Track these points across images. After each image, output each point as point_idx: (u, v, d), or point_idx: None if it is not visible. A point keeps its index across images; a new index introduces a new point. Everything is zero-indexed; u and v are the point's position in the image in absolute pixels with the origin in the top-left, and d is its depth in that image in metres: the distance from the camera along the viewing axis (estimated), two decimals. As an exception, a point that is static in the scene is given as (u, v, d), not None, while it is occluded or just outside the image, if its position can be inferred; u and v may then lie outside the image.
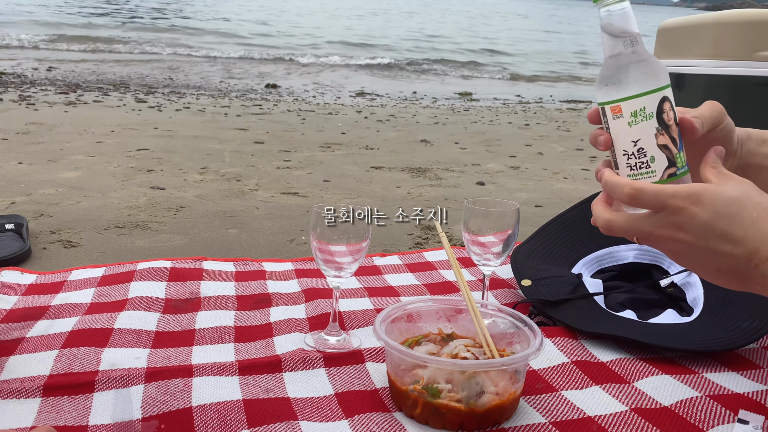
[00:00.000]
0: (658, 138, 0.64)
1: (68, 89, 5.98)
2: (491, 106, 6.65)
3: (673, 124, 0.65)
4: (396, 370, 0.81)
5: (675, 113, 0.66)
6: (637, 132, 0.64)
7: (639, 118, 0.64)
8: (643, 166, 0.65)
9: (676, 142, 0.65)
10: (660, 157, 0.64)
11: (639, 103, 0.64)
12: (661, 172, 0.65)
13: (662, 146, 0.64)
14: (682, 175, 0.66)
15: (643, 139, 0.64)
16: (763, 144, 0.75)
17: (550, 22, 28.83)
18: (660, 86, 0.64)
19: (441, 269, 1.38)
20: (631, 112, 0.64)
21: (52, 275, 1.27)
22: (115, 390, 0.83)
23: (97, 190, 2.35)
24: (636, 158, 0.65)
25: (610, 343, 1.02)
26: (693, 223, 0.61)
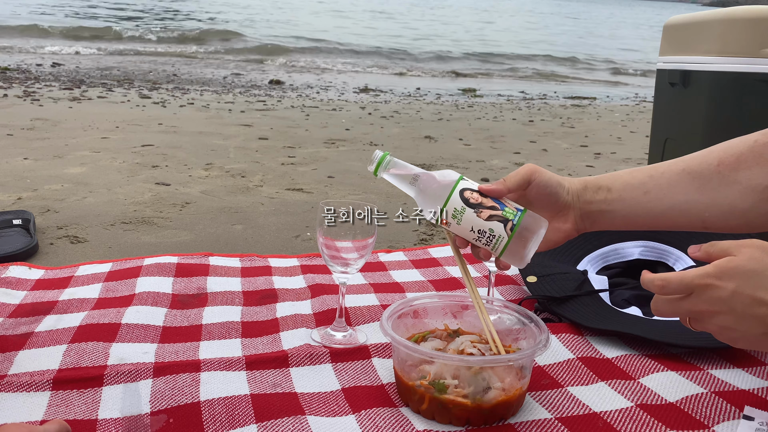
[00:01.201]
0: (481, 215, 0.79)
1: (72, 85, 5.99)
2: (495, 103, 6.64)
3: (482, 199, 0.80)
4: (403, 366, 0.81)
5: (478, 191, 0.81)
6: (466, 223, 0.79)
7: (458, 215, 0.80)
8: (491, 239, 0.79)
9: (495, 207, 0.79)
10: (494, 225, 0.79)
11: (449, 208, 0.80)
12: (504, 232, 0.78)
13: (488, 218, 0.78)
14: (520, 218, 0.79)
15: (473, 224, 0.79)
16: (598, 191, 0.82)
17: (556, 17, 28.77)
18: (453, 187, 0.80)
19: (446, 265, 1.38)
20: (451, 215, 0.80)
21: (60, 270, 1.28)
22: (124, 384, 0.84)
23: (103, 186, 2.36)
24: (483, 237, 0.79)
25: (616, 339, 1.03)
26: (723, 295, 0.65)
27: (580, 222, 0.84)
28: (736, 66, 1.23)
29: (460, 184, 0.81)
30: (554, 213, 0.84)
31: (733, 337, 0.68)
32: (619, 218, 0.83)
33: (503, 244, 0.79)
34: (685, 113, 1.40)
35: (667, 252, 1.25)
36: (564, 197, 0.83)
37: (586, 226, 0.85)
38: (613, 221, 0.83)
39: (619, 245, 1.29)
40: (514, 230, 0.78)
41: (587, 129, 4.89)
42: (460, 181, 0.81)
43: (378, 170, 0.84)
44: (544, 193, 0.82)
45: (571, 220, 0.84)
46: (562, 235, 0.85)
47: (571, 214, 0.84)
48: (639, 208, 0.82)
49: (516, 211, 0.79)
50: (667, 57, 1.48)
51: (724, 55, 1.25)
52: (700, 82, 1.33)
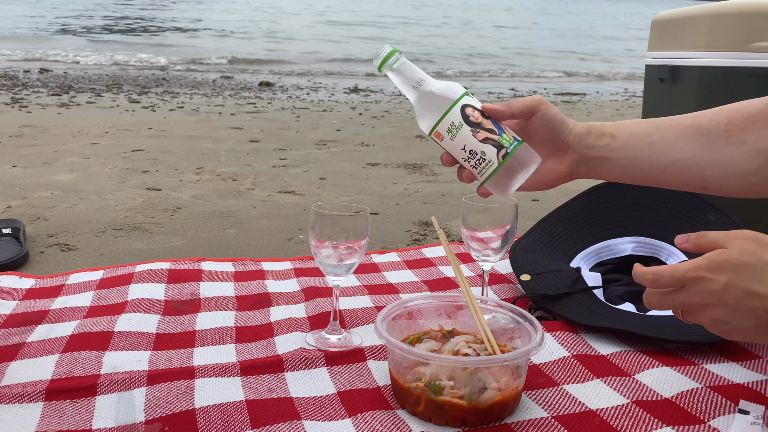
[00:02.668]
0: (476, 136, 0.76)
1: (61, 91, 5.95)
2: (485, 100, 6.66)
3: (482, 119, 0.77)
4: (398, 368, 0.81)
5: (480, 111, 0.77)
6: (460, 140, 0.76)
7: (454, 131, 0.76)
8: (480, 162, 0.76)
9: (493, 131, 0.76)
10: (487, 148, 0.76)
11: (446, 121, 0.76)
12: (495, 158, 0.76)
13: (483, 140, 0.76)
14: (515, 148, 0.76)
15: (467, 143, 0.76)
16: (601, 137, 0.80)
17: (542, 15, 28.85)
18: (454, 100, 0.77)
19: (440, 265, 1.38)
20: (447, 129, 0.77)
21: (51, 279, 1.27)
22: (118, 393, 0.83)
23: (93, 192, 2.34)
24: (472, 159, 0.77)
25: (610, 336, 1.03)
26: (715, 288, 0.65)
27: (576, 166, 0.81)
28: (724, 60, 1.24)
29: (464, 99, 0.77)
30: (552, 151, 0.81)
31: (726, 330, 0.68)
32: (619, 167, 0.80)
33: (491, 170, 0.76)
34: (674, 108, 1.40)
35: (659, 247, 1.25)
36: (566, 136, 0.80)
37: (581, 172, 0.81)
38: (611, 170, 0.80)
39: (611, 241, 1.30)
40: (506, 158, 0.75)
41: (577, 125, 4.90)
42: (464, 96, 0.77)
43: (382, 66, 0.79)
44: (547, 127, 0.79)
45: (567, 163, 0.81)
46: (553, 177, 0.82)
47: (568, 156, 0.81)
48: (641, 159, 0.79)
49: (513, 140, 0.76)
50: (655, 52, 1.48)
51: (712, 49, 1.25)
52: (688, 77, 1.34)
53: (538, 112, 0.79)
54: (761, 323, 0.64)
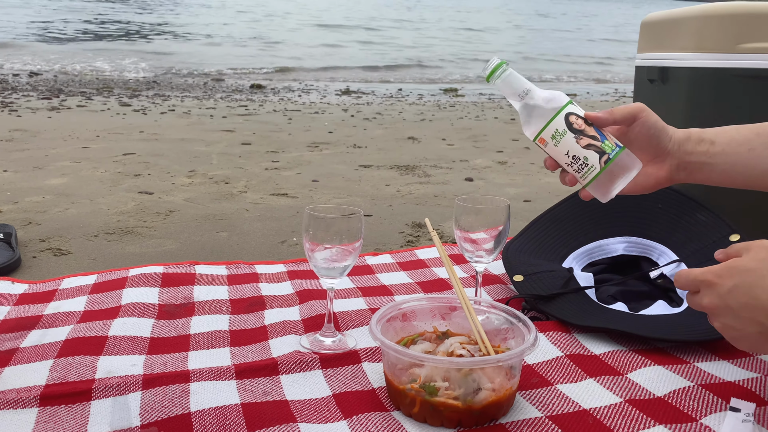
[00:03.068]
0: (579, 142, 0.79)
1: (51, 94, 5.92)
2: (477, 102, 6.67)
3: (585, 126, 0.80)
4: (393, 370, 0.82)
5: (583, 118, 0.81)
6: (564, 146, 0.80)
7: (558, 137, 0.81)
8: (583, 168, 0.80)
9: (596, 137, 0.79)
10: (590, 154, 0.79)
11: (551, 128, 0.81)
12: (598, 163, 0.79)
13: (586, 146, 0.79)
14: (617, 154, 0.79)
15: (570, 149, 0.80)
16: (701, 143, 0.81)
17: (532, 16, 28.94)
18: (559, 109, 0.81)
19: (433, 267, 1.39)
20: (550, 136, 0.81)
21: (44, 284, 1.26)
22: (113, 398, 0.83)
23: (85, 197, 2.33)
24: (575, 164, 0.81)
25: (603, 335, 1.04)
26: (722, 292, 0.68)
27: (676, 172, 0.83)
28: (712, 62, 1.25)
29: (568, 108, 0.81)
30: (652, 156, 0.83)
31: (734, 336, 0.69)
32: (718, 172, 0.82)
33: (593, 175, 0.80)
34: (664, 109, 1.41)
35: (650, 247, 1.26)
36: (665, 142, 0.82)
37: (681, 177, 0.84)
38: (710, 175, 0.82)
39: (603, 241, 1.31)
40: (608, 164, 0.79)
41: (569, 126, 4.92)
42: (569, 104, 0.81)
43: (491, 77, 0.84)
44: (648, 134, 0.81)
45: (667, 168, 0.83)
46: (653, 182, 0.84)
47: (668, 162, 0.83)
48: (741, 164, 0.81)
49: (615, 146, 0.79)
50: (645, 54, 1.50)
51: (700, 51, 1.27)
52: (678, 78, 1.35)
53: (639, 118, 0.81)
54: (763, 330, 0.65)
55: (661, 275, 1.21)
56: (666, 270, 1.21)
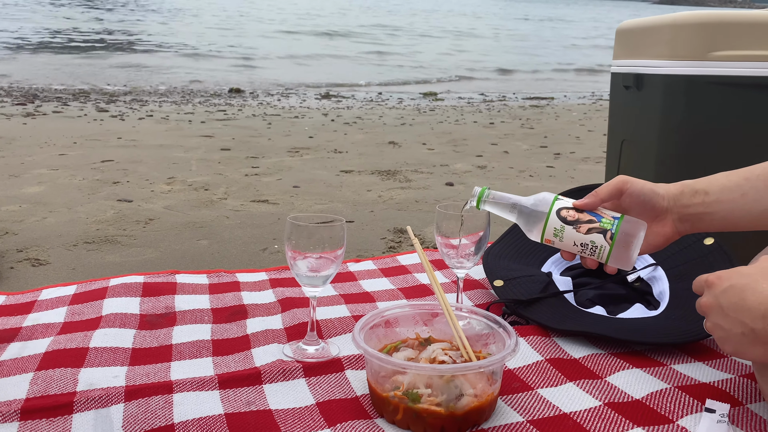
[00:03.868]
0: (580, 230, 0.85)
1: (26, 100, 5.84)
2: (456, 105, 6.71)
3: (578, 215, 0.86)
4: (376, 378, 0.82)
5: (574, 209, 0.86)
6: (568, 239, 0.86)
7: (559, 234, 0.87)
8: (594, 251, 0.86)
9: (592, 220, 0.85)
10: (594, 236, 0.85)
11: (550, 229, 0.87)
12: (605, 241, 0.85)
13: (588, 231, 0.85)
14: (618, 226, 0.84)
15: (575, 239, 0.86)
16: (695, 194, 0.86)
17: (510, 20, 29.20)
18: (549, 210, 0.87)
19: (415, 272, 1.40)
20: (552, 235, 0.87)
21: (22, 295, 1.25)
22: (95, 410, 0.82)
23: (63, 205, 2.31)
24: (586, 249, 0.86)
25: (582, 339, 1.05)
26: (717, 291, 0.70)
27: (680, 224, 0.87)
28: (685, 69, 1.28)
29: (556, 205, 0.87)
30: (652, 218, 0.87)
31: (721, 337, 0.71)
32: (719, 220, 0.86)
33: (606, 252, 0.85)
34: (639, 115, 1.44)
35: (627, 251, 1.28)
36: (660, 203, 0.86)
37: (686, 228, 0.87)
38: (712, 223, 0.86)
39: (581, 246, 1.32)
40: (614, 238, 0.83)
41: (546, 129, 4.98)
42: (555, 201, 0.87)
43: (480, 204, 0.93)
44: (639, 201, 0.86)
45: (670, 224, 0.87)
46: (662, 239, 0.88)
47: (669, 218, 0.87)
48: (737, 210, 0.84)
49: (613, 219, 0.85)
50: (620, 60, 1.52)
51: (674, 58, 1.29)
52: (652, 84, 1.38)
53: (624, 191, 0.86)
54: (746, 331, 0.67)
55: (638, 279, 1.24)
56: (643, 273, 1.23)
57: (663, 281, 1.19)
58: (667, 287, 1.17)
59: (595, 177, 3.17)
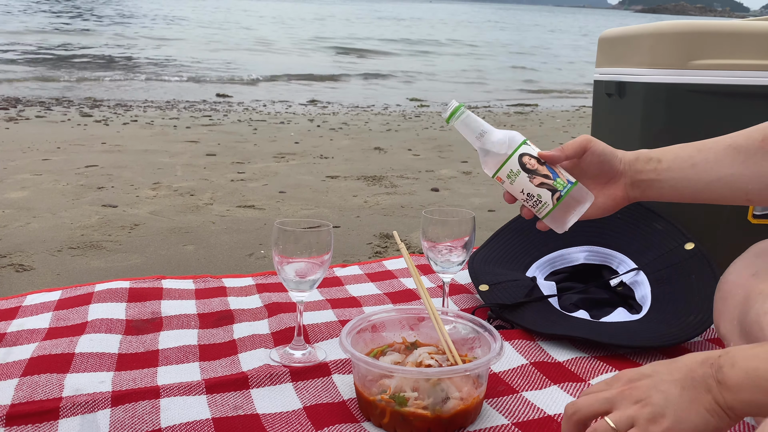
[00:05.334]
0: (533, 181, 0.83)
1: (8, 104, 5.78)
2: (441, 112, 6.75)
3: (538, 166, 0.84)
4: (363, 381, 0.83)
5: (536, 158, 0.84)
6: (518, 185, 0.85)
7: (513, 177, 0.85)
8: (537, 204, 0.84)
9: (548, 176, 0.84)
10: (543, 192, 0.84)
11: (506, 168, 0.85)
12: (550, 200, 0.83)
13: (539, 185, 0.83)
14: (569, 191, 0.83)
15: (525, 187, 0.84)
16: (649, 161, 0.87)
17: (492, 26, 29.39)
18: (512, 151, 0.85)
19: (401, 277, 1.41)
20: (506, 175, 0.85)
21: (6, 301, 1.24)
22: (81, 416, 0.82)
23: (47, 210, 2.29)
24: (530, 200, 0.84)
25: (566, 343, 1.07)
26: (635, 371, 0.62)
27: (631, 190, 0.88)
28: (666, 77, 1.30)
29: (521, 149, 0.85)
30: (606, 180, 0.88)
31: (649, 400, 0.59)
32: (667, 188, 0.87)
33: (546, 211, 0.84)
34: (622, 122, 1.46)
35: (610, 256, 1.30)
36: (616, 165, 0.87)
37: (636, 194, 0.88)
38: (661, 191, 0.87)
39: (565, 251, 1.34)
40: (560, 201, 0.83)
41: (530, 136, 5.00)
42: (522, 145, 0.85)
43: (450, 119, 0.89)
44: (598, 160, 0.86)
45: (622, 188, 0.88)
46: (611, 202, 0.88)
47: (621, 182, 0.88)
48: (686, 179, 0.85)
49: (567, 183, 0.84)
50: (602, 69, 1.55)
51: (655, 66, 1.32)
52: (634, 92, 1.40)
53: (588, 149, 0.86)
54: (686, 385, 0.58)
55: (621, 283, 1.26)
56: (625, 278, 1.25)
57: (645, 286, 1.21)
58: (648, 291, 1.19)
59: (579, 183, 3.20)
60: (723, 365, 0.57)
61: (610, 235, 1.31)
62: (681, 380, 0.59)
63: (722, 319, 0.85)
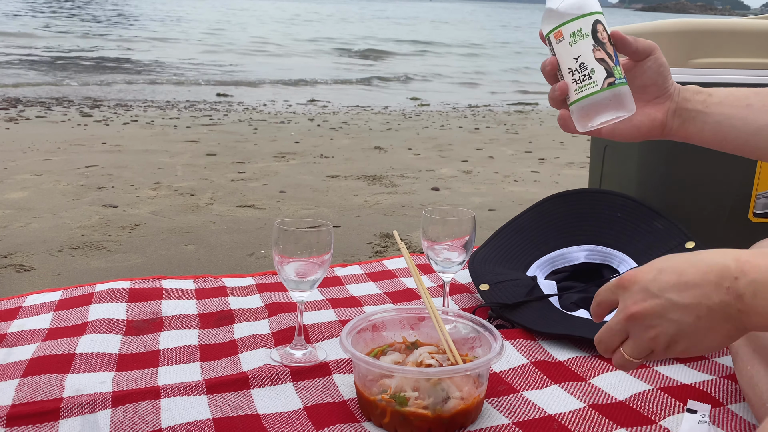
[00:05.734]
0: (595, 53, 0.74)
1: (8, 105, 5.78)
2: (441, 111, 6.74)
3: (608, 42, 0.75)
4: (364, 381, 0.83)
5: (608, 34, 0.75)
6: (577, 49, 0.74)
7: (577, 37, 0.74)
8: (585, 78, 0.74)
9: (612, 57, 0.74)
10: (599, 68, 0.74)
11: (576, 24, 0.74)
12: (601, 81, 0.74)
13: (600, 59, 0.74)
14: (621, 85, 0.74)
15: (583, 54, 0.74)
16: (699, 93, 0.81)
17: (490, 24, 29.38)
18: (591, 11, 0.74)
19: (402, 277, 1.40)
20: (570, 33, 0.74)
21: (6, 302, 1.24)
22: (82, 416, 0.82)
23: (47, 211, 2.29)
24: (579, 72, 0.75)
25: (566, 342, 1.07)
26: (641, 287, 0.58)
27: (672, 117, 0.81)
28: (666, 76, 1.30)
29: (599, 16, 0.75)
30: (654, 96, 0.80)
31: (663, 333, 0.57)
32: (711, 124, 0.79)
33: (590, 91, 0.74)
34: (622, 121, 1.46)
35: (611, 255, 1.30)
36: (669, 84, 0.80)
37: (675, 125, 0.81)
38: (703, 126, 0.80)
39: (565, 250, 1.34)
40: (611, 87, 0.74)
41: (531, 135, 5.02)
42: (600, 14, 0.75)
43: None
44: (657, 71, 0.78)
45: (664, 111, 0.80)
46: (648, 123, 0.80)
47: (666, 104, 0.80)
48: (736, 117, 0.78)
49: (622, 76, 0.75)
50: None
51: (655, 65, 1.32)
52: (634, 91, 1.40)
53: (652, 54, 0.78)
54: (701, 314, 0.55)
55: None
56: (626, 277, 1.25)
57: (645, 284, 1.20)
58: (649, 290, 1.19)
59: (580, 182, 3.21)
60: (743, 293, 0.53)
61: (611, 234, 1.31)
62: (694, 307, 0.55)
63: None
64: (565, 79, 0.76)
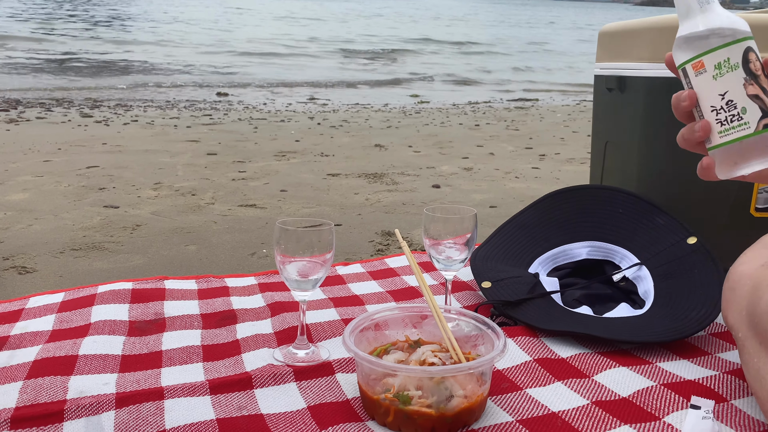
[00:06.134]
0: (747, 88, 0.61)
1: (8, 106, 5.78)
2: (441, 108, 6.74)
3: (762, 74, 0.62)
4: (367, 380, 0.83)
5: (761, 63, 0.63)
6: (724, 84, 0.62)
7: (724, 69, 0.62)
8: (734, 119, 0.62)
9: (766, 90, 0.62)
10: (752, 107, 0.61)
11: (722, 54, 0.62)
12: (755, 122, 0.61)
13: (753, 96, 0.61)
14: None
15: (731, 90, 0.62)
16: None
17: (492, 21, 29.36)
18: (742, 36, 0.62)
19: (404, 275, 1.40)
20: (715, 64, 0.62)
21: (9, 304, 1.24)
22: (86, 418, 0.82)
23: (49, 212, 2.29)
24: (726, 112, 0.62)
25: (569, 339, 1.07)
26: None
27: None
28: (667, 72, 1.29)
29: (750, 42, 0.62)
30: None
31: None
32: None
33: (740, 135, 0.62)
34: (622, 117, 1.46)
35: (612, 251, 1.30)
36: None
37: None
38: None
39: (567, 246, 1.34)
40: (765, 130, 0.61)
41: (531, 131, 5.01)
42: (751, 39, 0.63)
43: None
44: None
45: None
46: None
47: None
48: None
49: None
50: (603, 63, 1.54)
51: (655, 61, 1.31)
52: (635, 87, 1.39)
53: None
54: None
55: (624, 278, 1.25)
56: (628, 273, 1.25)
57: (647, 280, 1.20)
58: (651, 286, 1.19)
59: (581, 178, 3.21)
60: None
61: (613, 230, 1.31)
62: None
63: (730, 309, 0.84)
64: (706, 118, 0.64)
